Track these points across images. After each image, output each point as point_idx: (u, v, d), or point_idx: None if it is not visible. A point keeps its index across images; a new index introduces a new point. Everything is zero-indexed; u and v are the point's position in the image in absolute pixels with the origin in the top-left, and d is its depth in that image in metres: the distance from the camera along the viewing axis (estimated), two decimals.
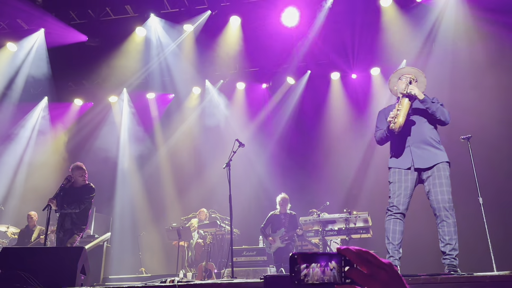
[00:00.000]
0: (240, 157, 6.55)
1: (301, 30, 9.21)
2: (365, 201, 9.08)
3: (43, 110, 11.32)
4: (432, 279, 3.02)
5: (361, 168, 9.78)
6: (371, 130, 10.03)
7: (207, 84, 11.12)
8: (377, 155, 9.72)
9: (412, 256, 8.07)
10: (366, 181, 9.59)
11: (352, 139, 10.10)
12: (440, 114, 4.09)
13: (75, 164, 6.21)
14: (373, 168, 9.61)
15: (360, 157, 9.89)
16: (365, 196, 9.30)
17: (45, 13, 8.94)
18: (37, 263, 4.28)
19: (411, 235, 8.51)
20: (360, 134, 10.04)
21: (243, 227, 9.50)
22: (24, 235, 8.61)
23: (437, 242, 4.27)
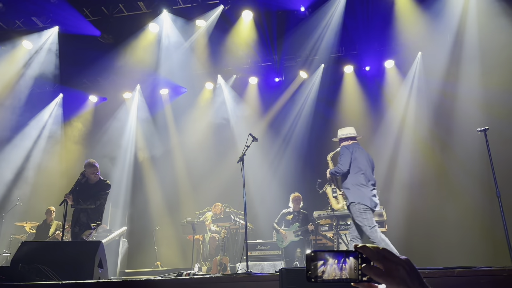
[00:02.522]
0: (254, 151, 6.55)
1: (314, 23, 9.15)
2: (380, 195, 9.01)
3: (58, 106, 11.49)
4: (449, 272, 2.99)
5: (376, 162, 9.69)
6: (385, 123, 9.94)
7: (219, 79, 11.14)
8: (392, 149, 9.64)
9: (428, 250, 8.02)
10: (380, 175, 9.51)
11: (367, 133, 10.02)
12: (336, 174, 5.44)
13: (87, 161, 6.28)
14: (387, 162, 9.52)
15: (375, 151, 9.81)
16: (380, 190, 9.23)
17: (60, 11, 9.03)
18: (55, 257, 4.36)
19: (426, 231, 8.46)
20: (374, 127, 9.95)
21: (257, 221, 9.53)
22: (42, 230, 8.76)
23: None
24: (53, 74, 10.47)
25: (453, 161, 8.81)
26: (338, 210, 5.99)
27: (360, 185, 5.21)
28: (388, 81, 10.03)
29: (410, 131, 9.60)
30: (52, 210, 8.88)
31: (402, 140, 9.63)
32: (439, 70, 9.17)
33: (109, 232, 8.43)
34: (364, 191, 5.20)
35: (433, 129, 9.26)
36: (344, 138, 5.73)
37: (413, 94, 9.76)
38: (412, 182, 9.13)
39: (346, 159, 5.34)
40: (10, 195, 10.28)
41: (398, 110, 9.89)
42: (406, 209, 8.81)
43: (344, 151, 5.45)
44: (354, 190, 5.21)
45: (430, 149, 9.15)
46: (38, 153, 11.04)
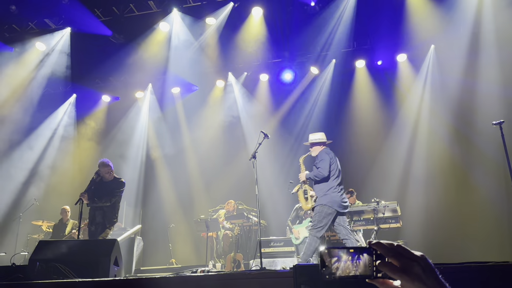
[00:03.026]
0: (266, 148, 6.56)
1: (325, 18, 9.10)
2: (395, 191, 8.94)
3: (72, 106, 11.64)
4: (465, 267, 2.96)
5: (391, 156, 9.61)
6: (398, 118, 9.85)
7: (230, 77, 11.15)
8: (407, 144, 9.55)
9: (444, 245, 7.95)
10: (396, 170, 9.43)
11: (379, 127, 9.94)
12: (316, 178, 5.56)
13: (101, 161, 6.35)
14: (403, 157, 9.44)
15: (388, 145, 9.73)
16: (393, 185, 9.16)
17: (71, 12, 9.12)
18: (72, 255, 4.42)
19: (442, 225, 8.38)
20: (387, 122, 9.88)
21: (270, 218, 9.54)
22: (58, 229, 8.89)
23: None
24: (66, 75, 10.61)
25: (469, 155, 8.70)
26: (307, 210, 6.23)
27: (333, 190, 5.47)
28: (401, 75, 9.93)
29: (425, 125, 9.49)
30: (67, 210, 9.00)
31: (418, 134, 9.53)
32: (454, 63, 9.04)
33: (124, 230, 8.51)
34: (335, 196, 5.45)
35: (449, 123, 9.14)
36: (316, 143, 5.90)
37: (427, 88, 9.65)
38: (428, 176, 9.04)
39: (326, 164, 5.54)
40: (25, 194, 10.45)
41: (412, 105, 9.79)
42: (422, 203, 8.74)
43: (323, 156, 5.64)
44: (326, 193, 5.47)
45: (446, 143, 9.04)
46: (53, 153, 11.20)
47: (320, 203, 5.47)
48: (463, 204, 8.41)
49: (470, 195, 8.37)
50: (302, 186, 5.95)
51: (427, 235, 8.28)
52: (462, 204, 8.41)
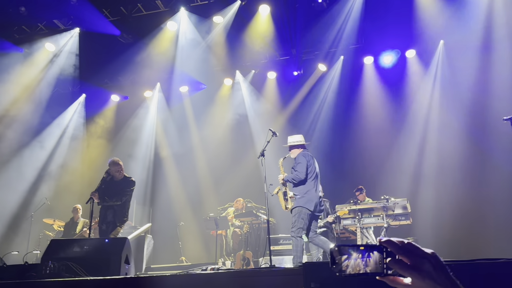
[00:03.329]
0: (274, 146, 6.56)
1: (333, 14, 9.06)
2: (406, 188, 8.88)
3: (81, 106, 11.75)
4: (476, 264, 2.94)
5: (402, 154, 9.55)
6: (408, 114, 9.78)
7: (238, 75, 11.16)
8: (418, 140, 9.48)
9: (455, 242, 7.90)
10: (407, 167, 9.37)
11: (389, 124, 9.88)
12: (293, 181, 5.71)
13: (112, 159, 6.39)
14: (414, 154, 9.37)
15: (398, 142, 9.66)
16: (404, 182, 9.10)
17: (80, 12, 9.20)
18: (83, 253, 4.47)
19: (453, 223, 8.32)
20: (396, 119, 9.81)
21: (278, 216, 9.53)
22: (69, 228, 8.97)
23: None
24: (75, 75, 10.71)
25: (480, 151, 8.61)
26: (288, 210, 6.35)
27: (310, 192, 5.58)
28: (410, 71, 9.85)
29: (435, 122, 9.39)
30: (78, 208, 9.08)
31: (428, 131, 9.44)
32: (464, 58, 8.93)
33: (134, 229, 8.57)
34: (312, 198, 5.56)
35: (460, 119, 9.03)
36: (294, 146, 6.00)
37: (437, 84, 9.56)
38: (438, 173, 8.97)
39: (303, 168, 5.63)
40: (36, 194, 10.57)
41: (422, 101, 9.70)
42: (433, 200, 8.68)
43: (301, 159, 5.73)
44: (305, 195, 5.58)
45: (457, 140, 8.94)
46: (63, 152, 11.32)
47: (298, 204, 5.59)
48: (474, 200, 8.33)
49: (481, 192, 8.30)
50: (281, 188, 6.08)
51: (438, 232, 8.23)
52: (473, 201, 8.34)
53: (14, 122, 10.45)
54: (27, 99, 10.52)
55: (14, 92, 10.24)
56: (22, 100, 10.47)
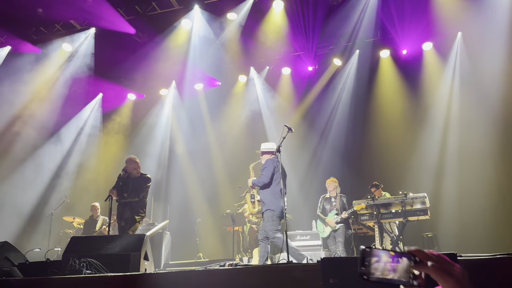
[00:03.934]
0: (290, 141, 6.55)
1: (347, 8, 8.97)
2: (426, 183, 8.76)
3: (98, 105, 11.92)
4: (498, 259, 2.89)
5: (422, 148, 9.41)
6: (427, 109, 9.63)
7: (252, 72, 11.15)
8: (435, 135, 9.34)
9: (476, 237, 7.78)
10: (428, 162, 9.24)
11: (407, 118, 9.75)
12: (258, 184, 6.02)
13: (129, 157, 6.47)
14: (434, 149, 9.23)
15: (417, 137, 9.53)
16: (423, 177, 8.97)
17: (95, 12, 9.30)
18: (103, 250, 4.53)
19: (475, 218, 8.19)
20: (415, 113, 9.67)
21: (295, 212, 9.52)
22: (88, 225, 9.12)
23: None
24: (92, 74, 10.86)
25: (502, 145, 8.44)
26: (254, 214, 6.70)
27: (276, 195, 5.87)
28: (428, 64, 9.69)
29: (456, 115, 9.23)
30: (97, 207, 9.22)
31: (449, 124, 9.28)
32: (484, 50, 8.74)
33: (152, 226, 8.66)
34: (279, 201, 5.85)
35: (481, 112, 8.84)
36: (266, 152, 6.29)
37: (456, 77, 9.38)
38: (459, 168, 8.82)
39: (269, 172, 5.94)
40: (56, 192, 10.77)
41: (441, 95, 9.54)
42: (454, 196, 8.55)
43: (268, 164, 6.04)
44: (271, 199, 5.87)
45: (479, 134, 8.77)
46: (80, 151, 11.51)
47: (267, 208, 5.90)
48: (495, 196, 8.18)
49: (503, 187, 8.14)
50: (250, 190, 6.37)
51: (459, 227, 8.12)
52: (495, 196, 8.19)
53: (32, 121, 10.66)
54: (45, 98, 10.71)
55: (32, 91, 10.43)
56: (40, 99, 10.66)
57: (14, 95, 10.16)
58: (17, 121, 10.44)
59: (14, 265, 4.60)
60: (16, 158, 10.47)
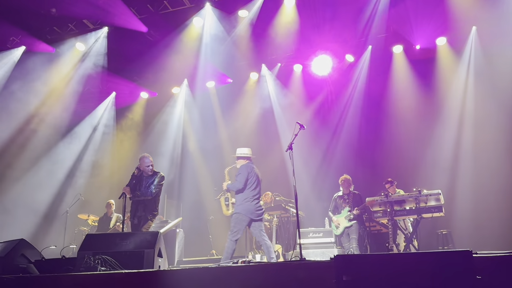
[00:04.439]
0: (302, 139, 6.52)
1: (359, 4, 8.89)
2: (439, 180, 8.65)
3: (112, 103, 12.04)
4: None
5: (437, 145, 9.30)
6: (441, 104, 9.51)
7: (264, 69, 11.13)
8: (449, 131, 9.22)
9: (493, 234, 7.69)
10: (439, 157, 9.13)
11: (421, 114, 9.63)
12: (232, 189, 6.34)
13: (142, 155, 6.52)
14: (450, 145, 9.11)
15: (431, 133, 9.41)
16: (438, 174, 8.87)
17: (108, 11, 9.37)
18: (118, 247, 4.58)
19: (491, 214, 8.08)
20: (429, 109, 9.55)
21: (308, 209, 9.50)
22: (103, 222, 9.22)
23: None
24: (105, 73, 10.97)
25: None
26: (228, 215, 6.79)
27: (247, 200, 6.15)
28: (441, 59, 9.56)
29: (471, 111, 9.09)
30: (111, 204, 9.32)
31: (464, 120, 9.15)
32: (500, 45, 8.58)
33: (165, 223, 8.72)
34: (249, 205, 6.13)
35: (497, 108, 8.69)
36: (241, 157, 6.55)
37: (471, 72, 9.24)
38: (476, 165, 8.70)
39: (243, 178, 6.19)
40: (69, 189, 10.92)
41: (456, 90, 9.40)
42: (469, 193, 8.44)
43: (242, 170, 6.29)
44: (241, 203, 6.15)
45: (494, 130, 8.63)
46: (94, 149, 11.65)
47: (236, 211, 6.17)
48: (511, 192, 8.06)
49: None
50: (224, 193, 6.69)
51: (475, 224, 8.02)
52: (510, 192, 8.06)
53: (47, 120, 10.81)
54: (59, 97, 10.84)
55: (47, 90, 10.57)
56: (55, 98, 10.80)
57: (28, 94, 10.31)
58: (32, 120, 10.59)
59: (31, 262, 4.69)
60: (31, 156, 10.63)
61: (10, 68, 10.19)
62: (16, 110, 10.26)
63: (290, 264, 3.80)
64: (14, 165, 10.42)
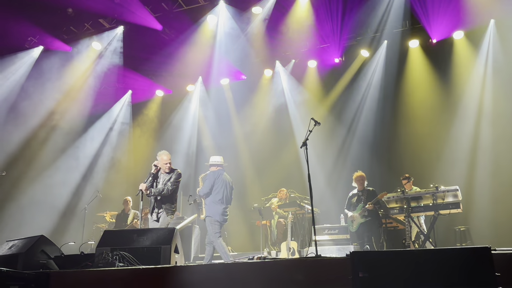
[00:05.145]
0: (316, 135, 6.50)
1: None
2: (457, 176, 8.53)
3: (128, 102, 12.19)
4: None
5: (453, 141, 9.16)
6: (459, 100, 9.36)
7: (278, 65, 11.11)
8: (467, 127, 9.07)
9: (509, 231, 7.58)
10: (456, 154, 9.00)
11: (438, 110, 9.50)
12: (200, 194, 7.01)
13: (160, 152, 6.55)
14: (468, 140, 8.97)
15: (448, 129, 9.27)
16: (456, 170, 8.74)
17: (124, 11, 9.47)
18: (135, 243, 4.64)
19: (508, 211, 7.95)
20: (446, 104, 9.41)
21: (323, 206, 9.47)
22: (120, 219, 9.35)
23: None
24: (121, 71, 11.10)
25: None
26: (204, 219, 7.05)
27: (214, 204, 6.77)
28: (459, 53, 9.40)
29: (489, 107, 8.92)
30: (128, 200, 9.44)
31: (482, 116, 8.99)
32: None
33: (182, 219, 8.79)
34: (217, 208, 6.75)
35: None
36: (213, 164, 7.10)
37: (489, 66, 9.06)
38: (494, 160, 8.55)
39: (208, 184, 6.84)
40: (87, 187, 11.09)
41: (473, 85, 9.23)
42: (488, 189, 8.31)
43: (209, 176, 6.94)
44: (210, 207, 6.78)
45: None
46: (111, 147, 11.80)
47: (207, 214, 6.78)
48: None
49: None
50: (198, 199, 7.39)
51: (494, 221, 7.89)
52: None
53: (65, 118, 10.98)
54: (76, 95, 11.00)
55: (64, 89, 10.73)
56: (72, 96, 10.96)
57: (47, 93, 10.49)
58: (51, 118, 10.76)
59: (50, 258, 4.78)
60: (50, 155, 10.82)
61: (29, 67, 10.40)
62: (34, 109, 10.44)
63: (305, 260, 3.80)
64: (32, 164, 10.61)
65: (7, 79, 10.20)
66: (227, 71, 11.35)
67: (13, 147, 10.17)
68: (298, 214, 8.90)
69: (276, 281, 3.48)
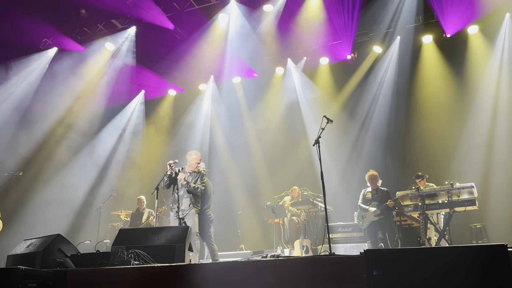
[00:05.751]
0: (329, 133, 6.47)
1: None
2: (472, 172, 8.42)
3: (141, 101, 12.29)
4: None
5: (469, 137, 9.04)
6: (470, 96, 9.24)
7: (289, 63, 11.08)
8: (483, 123, 8.93)
9: None
10: (471, 150, 8.88)
11: (452, 106, 9.38)
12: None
13: (190, 152, 6.62)
14: (483, 136, 8.85)
15: (463, 125, 9.14)
16: (472, 167, 8.63)
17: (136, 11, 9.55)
18: (150, 242, 4.68)
19: None
20: (461, 100, 9.28)
21: (336, 203, 9.43)
22: (135, 218, 9.43)
23: None
24: (134, 71, 11.19)
25: None
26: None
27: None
28: (473, 49, 9.25)
29: (505, 103, 8.78)
30: (142, 200, 9.51)
31: (497, 113, 8.85)
32: None
33: None
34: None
35: None
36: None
37: (504, 61, 8.91)
38: (510, 156, 8.41)
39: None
40: (102, 186, 11.21)
41: (489, 81, 9.08)
42: (504, 186, 8.19)
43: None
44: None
45: None
46: (125, 147, 11.91)
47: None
48: None
49: None
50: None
51: (510, 218, 7.78)
52: None
53: (78, 118, 11.11)
54: (90, 95, 11.13)
55: (77, 89, 10.87)
56: (85, 97, 11.09)
57: (61, 93, 10.64)
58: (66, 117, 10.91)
59: (67, 256, 4.85)
60: (65, 156, 10.97)
61: (44, 68, 10.56)
62: (49, 110, 10.59)
63: (319, 258, 3.79)
64: (48, 164, 10.77)
65: (24, 80, 10.38)
66: (239, 69, 11.36)
67: (29, 147, 10.32)
68: (311, 212, 8.88)
69: (290, 279, 3.48)
